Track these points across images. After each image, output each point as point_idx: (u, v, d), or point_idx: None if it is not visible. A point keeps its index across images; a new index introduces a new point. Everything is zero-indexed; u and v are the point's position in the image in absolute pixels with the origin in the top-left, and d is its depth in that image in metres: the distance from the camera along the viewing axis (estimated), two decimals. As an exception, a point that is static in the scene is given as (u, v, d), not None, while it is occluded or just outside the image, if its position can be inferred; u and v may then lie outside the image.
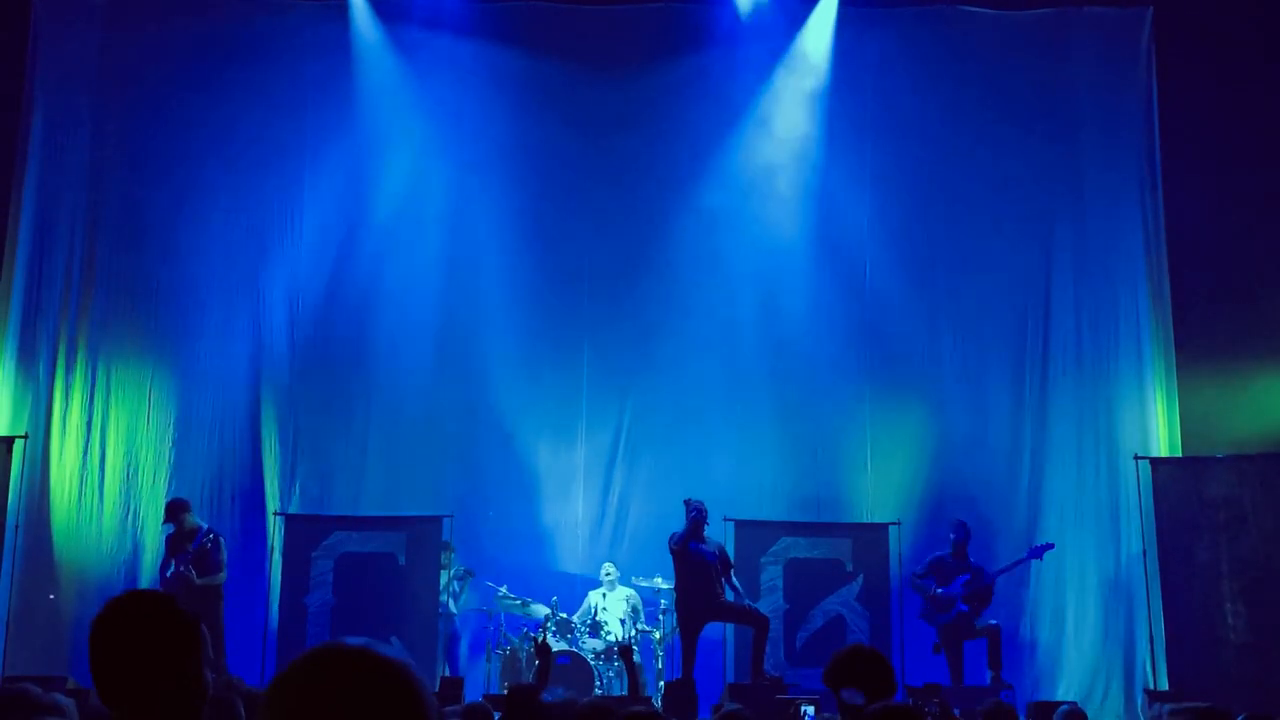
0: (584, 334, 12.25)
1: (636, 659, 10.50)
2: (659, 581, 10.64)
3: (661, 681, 10.40)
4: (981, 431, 11.99)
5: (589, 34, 12.52)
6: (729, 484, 11.62)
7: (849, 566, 11.15)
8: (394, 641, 10.16)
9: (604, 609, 10.76)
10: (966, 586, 10.38)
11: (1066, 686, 11.21)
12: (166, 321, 12.01)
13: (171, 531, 10.30)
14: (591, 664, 10.31)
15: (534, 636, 10.29)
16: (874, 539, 11.29)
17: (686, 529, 9.90)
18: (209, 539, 10.10)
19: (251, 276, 12.15)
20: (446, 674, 10.60)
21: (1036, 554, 10.73)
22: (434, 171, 12.48)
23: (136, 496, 11.62)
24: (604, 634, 10.56)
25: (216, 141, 12.13)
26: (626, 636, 10.50)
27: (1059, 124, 12.38)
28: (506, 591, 10.78)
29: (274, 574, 11.07)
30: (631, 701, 6.83)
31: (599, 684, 10.26)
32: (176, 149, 12.11)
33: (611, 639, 10.53)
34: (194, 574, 9.86)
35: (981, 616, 10.39)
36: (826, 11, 12.46)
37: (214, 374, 11.95)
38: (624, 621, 10.72)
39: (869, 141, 12.41)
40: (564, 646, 10.20)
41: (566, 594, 11.09)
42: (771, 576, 11.06)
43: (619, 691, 9.72)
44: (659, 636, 10.78)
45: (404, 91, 12.48)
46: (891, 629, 10.90)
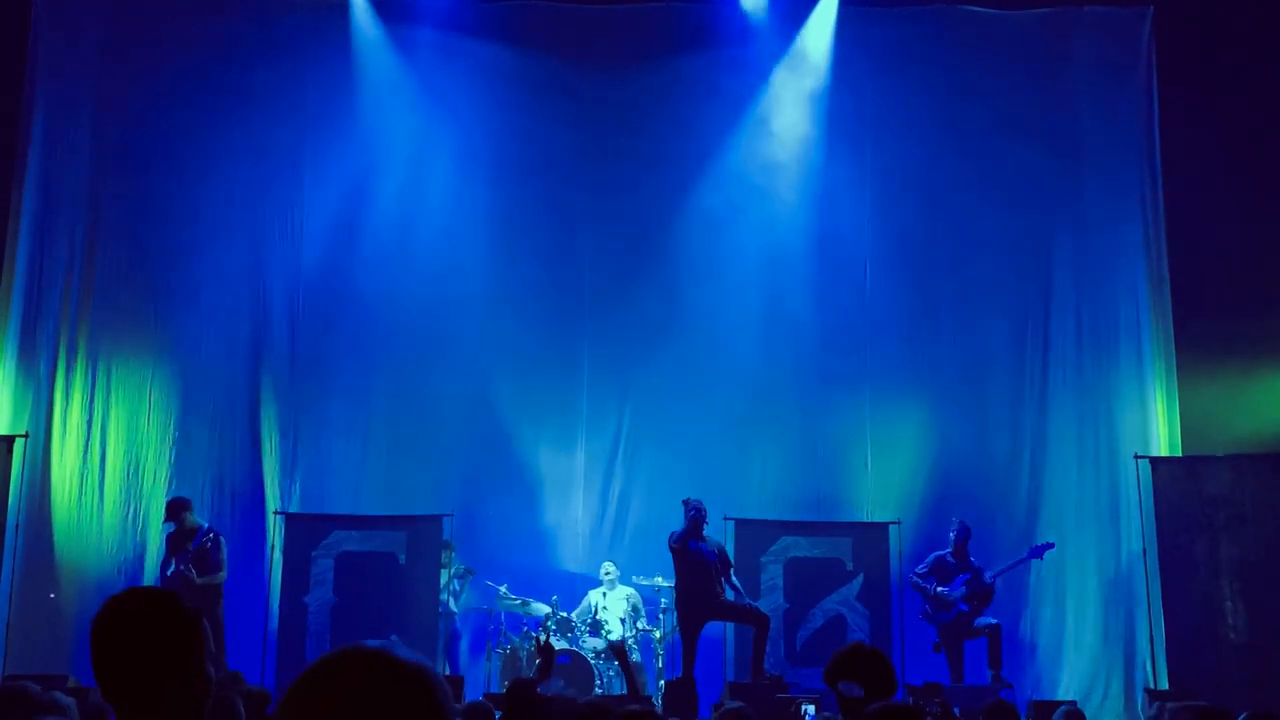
0: (584, 332, 12.25)
1: (636, 658, 10.56)
2: (659, 580, 10.64)
3: (662, 680, 10.41)
4: (982, 431, 11.99)
5: (589, 33, 12.52)
6: (729, 483, 11.63)
7: (849, 566, 11.15)
8: (394, 640, 10.15)
9: (604, 608, 10.77)
10: (967, 586, 10.38)
11: (1066, 686, 11.22)
12: (167, 320, 12.01)
13: (172, 530, 10.31)
14: (592, 663, 10.31)
15: (535, 635, 10.30)
16: (874, 538, 11.29)
17: (686, 528, 9.90)
18: (209, 538, 10.10)
19: (252, 276, 12.15)
20: (447, 673, 10.59)
21: (1037, 553, 10.74)
22: (434, 171, 12.48)
23: (137, 495, 11.62)
24: (604, 633, 10.56)
25: (217, 141, 12.14)
26: (621, 636, 10.51)
27: (1059, 123, 12.38)
28: (507, 591, 10.78)
29: (274, 573, 11.07)
30: (630, 700, 6.83)
31: (599, 683, 10.26)
32: (177, 148, 12.11)
33: (613, 638, 10.53)
34: (194, 573, 9.86)
35: (982, 616, 10.39)
36: (827, 11, 12.46)
37: (214, 373, 11.95)
38: (624, 620, 10.72)
39: (869, 141, 12.41)
40: (564, 645, 10.20)
41: (566, 593, 11.10)
42: (772, 576, 11.06)
43: (619, 691, 9.72)
44: (659, 635, 10.78)
45: (404, 90, 12.49)
46: (892, 628, 10.91)
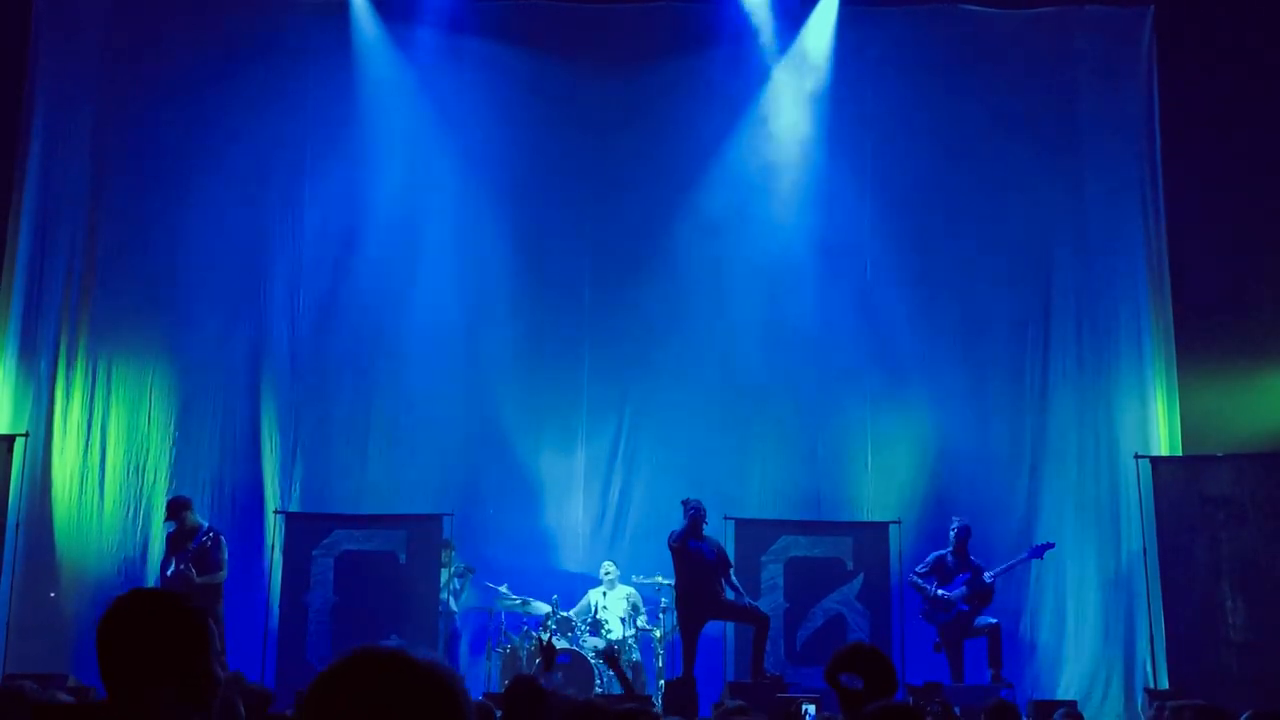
0: (584, 331, 12.25)
1: (636, 657, 10.56)
2: (660, 580, 10.63)
3: (662, 680, 10.40)
4: (982, 430, 11.98)
5: (590, 33, 12.52)
6: (730, 482, 11.64)
7: (849, 565, 11.15)
8: (394, 640, 10.15)
9: (604, 607, 10.77)
10: (967, 586, 10.38)
11: (1067, 685, 11.22)
12: (167, 320, 12.01)
13: (173, 530, 10.30)
14: (592, 662, 10.31)
15: (537, 635, 10.30)
16: (874, 538, 11.29)
17: (685, 527, 9.91)
18: (209, 537, 10.10)
19: (252, 275, 12.15)
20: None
21: (1037, 553, 10.74)
22: (434, 170, 12.48)
23: (137, 495, 11.61)
24: (604, 632, 10.56)
25: (218, 140, 12.13)
26: (621, 636, 10.50)
27: (1060, 122, 12.38)
28: (507, 590, 10.78)
29: (274, 572, 11.06)
30: (627, 699, 6.82)
31: (599, 683, 10.26)
32: (177, 148, 12.11)
33: (613, 637, 10.53)
34: (194, 572, 9.86)
35: (982, 615, 10.39)
36: (827, 11, 12.45)
37: (215, 372, 11.95)
38: (624, 620, 10.72)
39: (869, 140, 12.41)
40: (565, 645, 10.20)
41: (567, 593, 11.11)
42: (772, 575, 11.06)
43: (619, 690, 9.71)
44: (659, 635, 10.78)
45: (405, 90, 12.49)
46: (892, 628, 10.90)
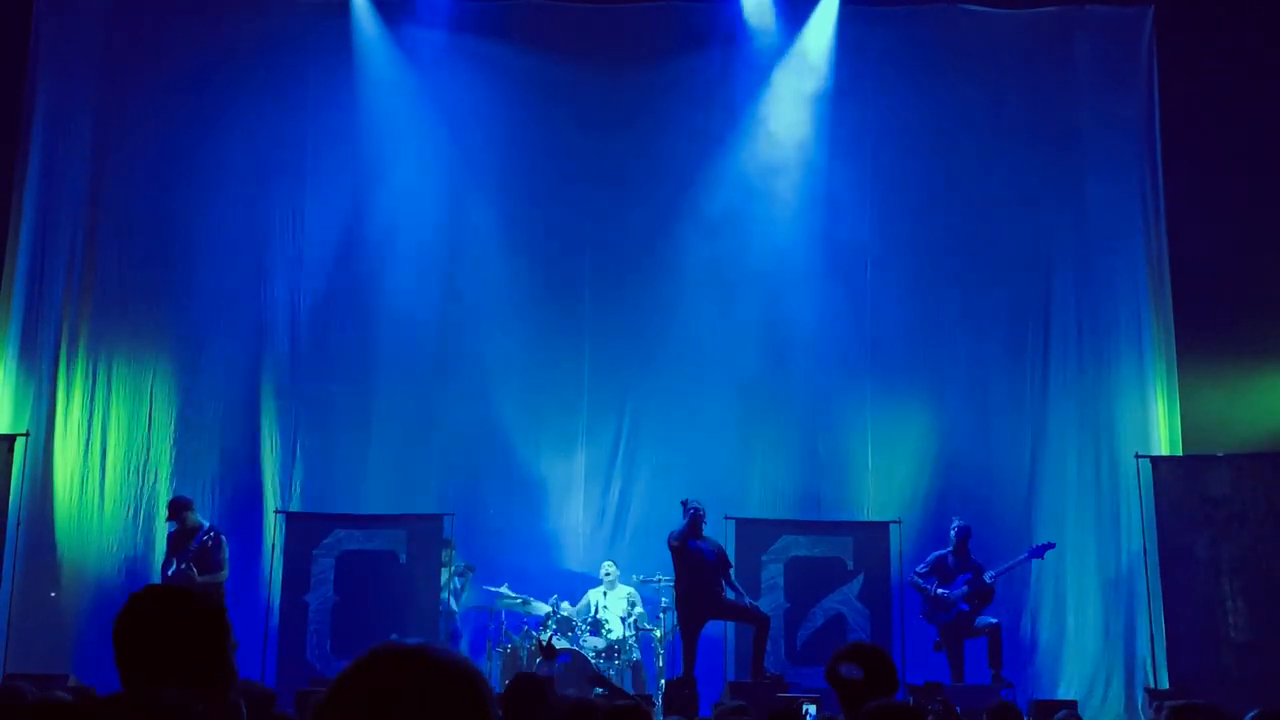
0: (585, 331, 12.25)
1: (636, 656, 10.57)
2: (660, 579, 10.62)
3: (663, 679, 10.40)
4: (982, 430, 11.99)
5: (590, 33, 12.51)
6: (730, 482, 11.65)
7: (850, 565, 11.15)
8: (394, 640, 10.15)
9: (604, 607, 10.77)
10: (967, 585, 10.38)
11: (1067, 685, 11.22)
12: (168, 319, 12.01)
13: (174, 529, 10.31)
14: (592, 662, 10.30)
15: (537, 635, 10.30)
16: (875, 537, 11.29)
17: (685, 527, 9.92)
18: (210, 537, 10.11)
19: (253, 274, 12.16)
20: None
21: (1037, 553, 10.74)
22: (435, 170, 12.47)
23: (138, 494, 11.62)
24: (605, 632, 10.57)
25: (218, 140, 12.13)
26: (620, 637, 10.50)
27: (1060, 123, 12.38)
28: (507, 590, 10.78)
29: (275, 572, 11.06)
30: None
31: (596, 685, 10.25)
32: (178, 147, 12.11)
33: (613, 637, 10.54)
34: (195, 572, 9.87)
35: (982, 615, 10.39)
36: (827, 11, 12.45)
37: (215, 372, 11.95)
38: (624, 620, 10.72)
39: (870, 140, 12.40)
40: (565, 645, 10.20)
41: (567, 593, 11.10)
42: (772, 575, 11.06)
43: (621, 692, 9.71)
44: (659, 635, 10.78)
45: (405, 90, 12.49)
46: (892, 627, 10.90)
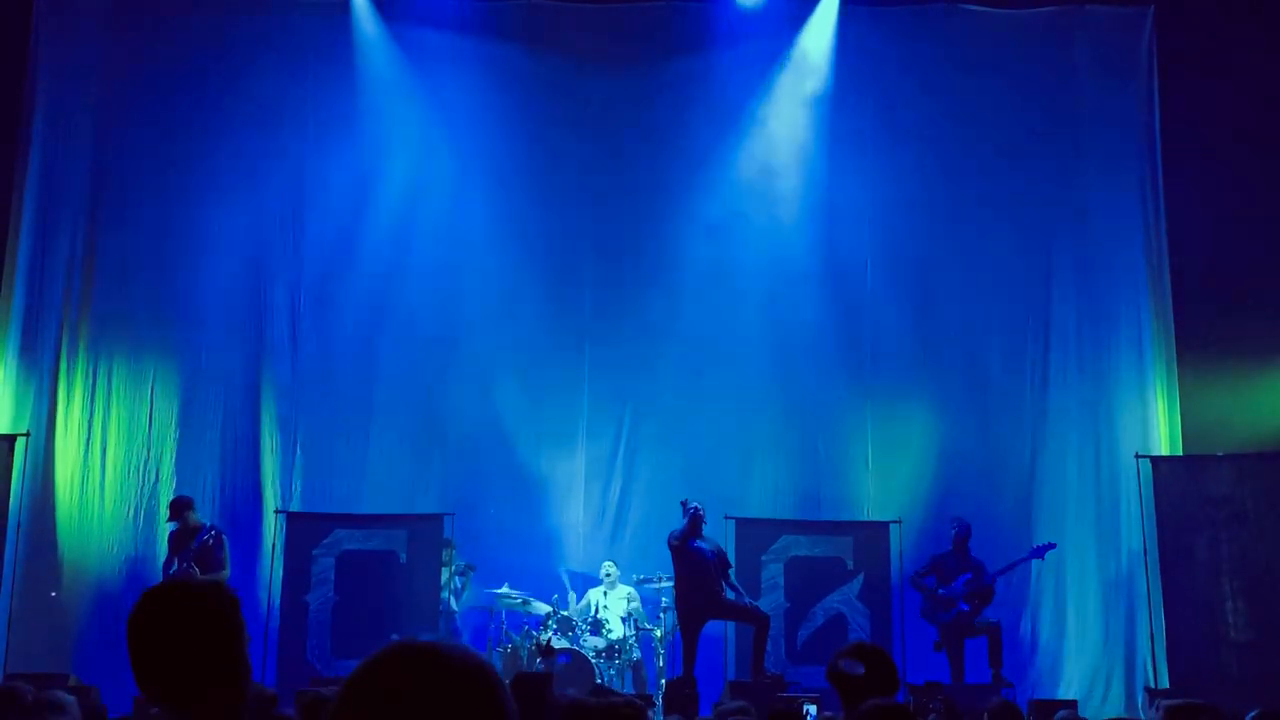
0: (585, 331, 12.25)
1: (636, 656, 10.58)
2: (661, 579, 10.62)
3: (663, 679, 10.41)
4: (983, 430, 11.98)
5: (590, 33, 12.51)
6: (730, 482, 11.64)
7: (850, 564, 11.16)
8: (395, 640, 10.15)
9: (604, 607, 10.77)
10: (967, 585, 10.38)
11: (1067, 685, 11.22)
12: (168, 319, 12.00)
13: (175, 529, 10.30)
14: (592, 662, 10.31)
15: (536, 635, 10.31)
16: (875, 537, 11.29)
17: (685, 526, 9.92)
18: (211, 536, 10.10)
19: (253, 274, 12.15)
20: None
21: (1038, 554, 10.73)
22: (435, 170, 12.47)
23: (138, 494, 11.62)
24: (605, 632, 10.57)
25: (218, 140, 12.14)
26: (620, 637, 10.51)
27: (1060, 122, 12.39)
28: (508, 589, 10.78)
29: (275, 572, 11.07)
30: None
31: (599, 682, 10.25)
32: (178, 146, 12.12)
33: (613, 636, 10.54)
34: (197, 571, 9.86)
35: (982, 615, 10.39)
36: (827, 11, 12.45)
37: (215, 372, 11.95)
38: (624, 619, 10.73)
39: (870, 140, 12.40)
40: (565, 644, 10.21)
41: (567, 592, 11.11)
42: (772, 574, 11.07)
43: (619, 689, 9.72)
44: (660, 635, 10.78)
45: (405, 90, 12.48)
46: (892, 627, 10.91)
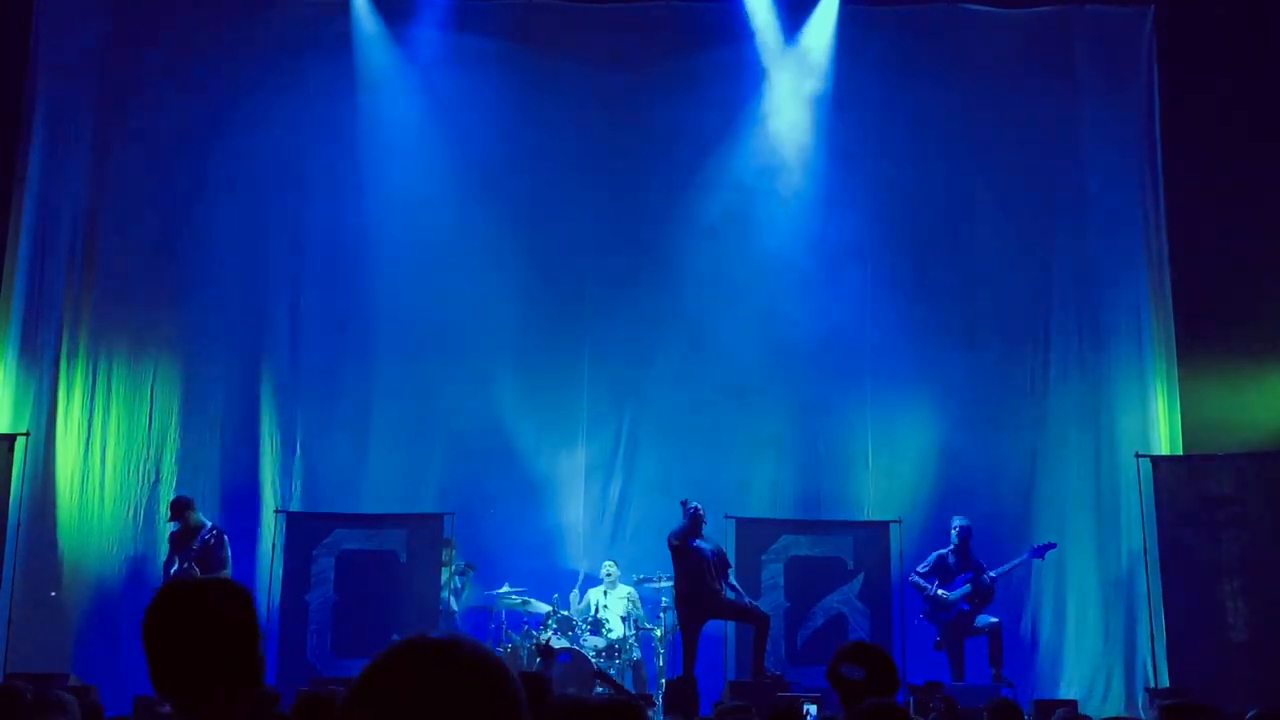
0: (585, 331, 12.25)
1: (636, 655, 10.58)
2: (661, 579, 10.63)
3: (663, 679, 10.41)
4: (983, 430, 11.98)
5: (590, 33, 12.51)
6: (730, 482, 11.65)
7: (850, 564, 11.16)
8: (395, 639, 10.15)
9: (605, 607, 10.77)
10: (968, 585, 10.38)
11: (1067, 684, 11.22)
12: (168, 319, 12.01)
13: (176, 529, 10.31)
14: (593, 661, 10.31)
15: (535, 634, 10.31)
16: (875, 537, 11.29)
17: (685, 526, 9.92)
18: (213, 536, 10.11)
19: (253, 274, 12.16)
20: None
21: (1038, 554, 10.74)
22: (435, 168, 12.46)
23: (138, 494, 11.62)
24: (605, 631, 10.57)
25: (218, 139, 12.13)
26: (620, 637, 10.51)
27: (1061, 121, 12.39)
28: (508, 589, 10.79)
29: (275, 572, 11.06)
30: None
31: (600, 681, 10.25)
32: (177, 146, 12.12)
33: (613, 636, 10.54)
34: (198, 571, 9.86)
35: (982, 614, 10.40)
36: (827, 11, 12.45)
37: (216, 372, 11.96)
38: (625, 619, 10.73)
39: (870, 139, 12.40)
40: (565, 644, 10.21)
41: (567, 592, 11.11)
42: (772, 574, 11.07)
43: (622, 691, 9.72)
44: (660, 634, 10.78)
45: (405, 89, 12.49)
46: (892, 627, 10.91)
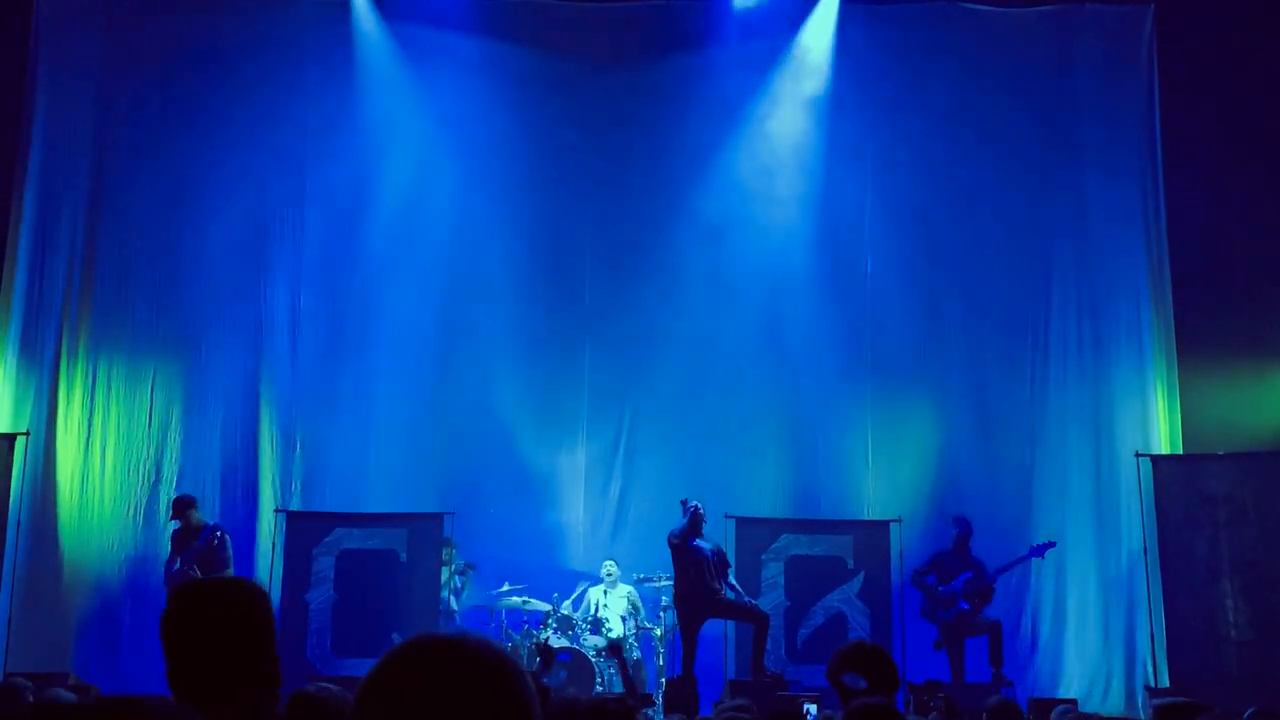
0: (585, 330, 12.26)
1: (636, 655, 10.58)
2: (661, 579, 10.63)
3: (663, 678, 10.41)
4: (983, 429, 11.99)
5: (589, 32, 12.51)
6: (730, 481, 11.65)
7: (850, 563, 11.16)
8: (395, 639, 10.17)
9: (605, 606, 10.78)
10: (968, 584, 10.39)
11: (1067, 683, 11.23)
12: (168, 318, 12.00)
13: (178, 527, 10.31)
14: (593, 661, 10.32)
15: (535, 634, 10.31)
16: (875, 536, 11.29)
17: (686, 525, 9.93)
18: (217, 537, 10.11)
19: (253, 272, 12.15)
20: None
21: (1038, 552, 10.75)
22: (435, 168, 12.47)
23: (139, 493, 11.62)
24: (605, 631, 10.57)
25: (218, 139, 12.13)
26: (622, 634, 10.51)
27: (1061, 121, 12.39)
28: (508, 588, 10.79)
29: (275, 571, 11.06)
30: (628, 698, 6.84)
31: (600, 681, 10.26)
32: (178, 145, 12.11)
33: (613, 635, 10.54)
34: (199, 571, 9.86)
35: (982, 613, 10.40)
36: (827, 11, 12.45)
37: (215, 371, 11.95)
38: (625, 619, 10.73)
39: (869, 140, 12.40)
40: (565, 644, 10.21)
41: (567, 591, 11.11)
42: (773, 573, 11.07)
43: (619, 689, 9.72)
44: (660, 634, 10.79)
45: (405, 88, 12.49)
46: (892, 626, 10.91)
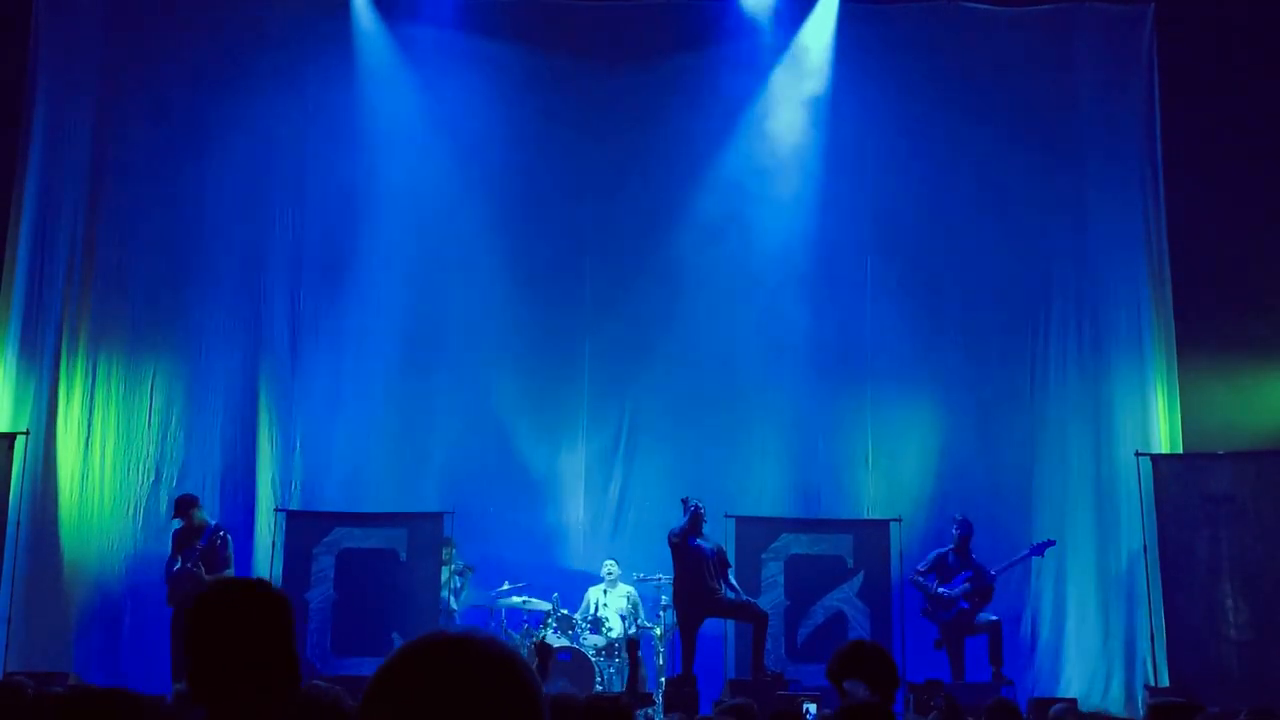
0: (585, 329, 12.25)
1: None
2: (661, 578, 10.63)
3: (662, 678, 10.41)
4: (983, 428, 11.98)
5: (589, 31, 12.50)
6: (730, 480, 11.65)
7: (850, 563, 11.16)
8: (395, 639, 10.17)
9: (604, 605, 10.78)
10: (968, 583, 10.38)
11: (1067, 683, 11.23)
12: (168, 317, 12.00)
13: (180, 527, 10.30)
14: (592, 660, 10.32)
15: (535, 633, 10.31)
16: (875, 535, 11.29)
17: (686, 524, 9.93)
18: (220, 537, 10.10)
19: (253, 272, 12.15)
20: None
21: (1038, 551, 10.76)
22: (435, 168, 12.45)
23: (139, 493, 11.61)
24: (605, 630, 10.57)
25: (217, 138, 12.12)
26: (620, 636, 10.51)
27: (1061, 120, 12.39)
28: (508, 588, 10.79)
29: (275, 570, 11.05)
30: (630, 695, 6.84)
31: (599, 680, 10.26)
32: (177, 144, 12.11)
33: (613, 635, 10.54)
34: (202, 570, 9.86)
35: (982, 613, 10.40)
36: (827, 10, 12.44)
37: (216, 370, 11.95)
38: (624, 618, 10.73)
39: (869, 140, 12.39)
40: (565, 643, 10.21)
41: (567, 591, 11.11)
42: (772, 573, 11.07)
43: (619, 688, 9.73)
44: (659, 633, 10.79)
45: (405, 88, 12.49)
46: (892, 625, 10.91)
